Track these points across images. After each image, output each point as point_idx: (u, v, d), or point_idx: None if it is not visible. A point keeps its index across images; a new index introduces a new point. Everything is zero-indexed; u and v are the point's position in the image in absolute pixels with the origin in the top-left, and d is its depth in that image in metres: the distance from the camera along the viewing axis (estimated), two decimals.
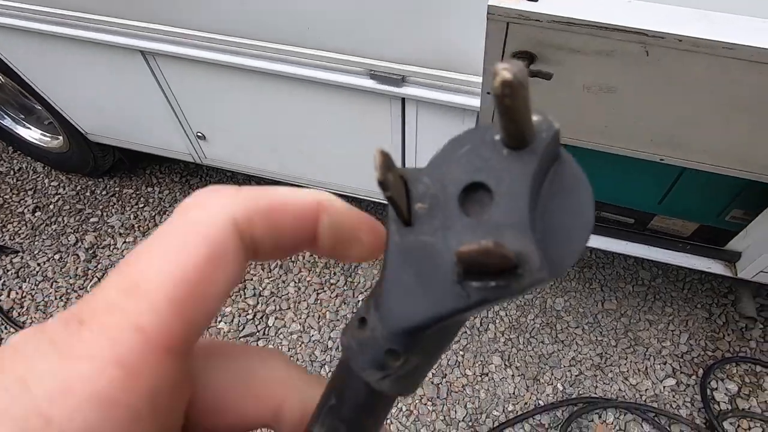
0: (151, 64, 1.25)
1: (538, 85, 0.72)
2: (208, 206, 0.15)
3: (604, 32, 0.59)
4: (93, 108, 1.53)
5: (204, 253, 0.14)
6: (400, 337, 0.14)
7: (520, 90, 0.12)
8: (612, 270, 1.76)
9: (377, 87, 1.05)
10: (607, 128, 0.82)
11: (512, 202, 0.13)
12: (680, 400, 1.49)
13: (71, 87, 1.47)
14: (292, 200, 0.16)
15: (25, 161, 2.13)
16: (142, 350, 0.12)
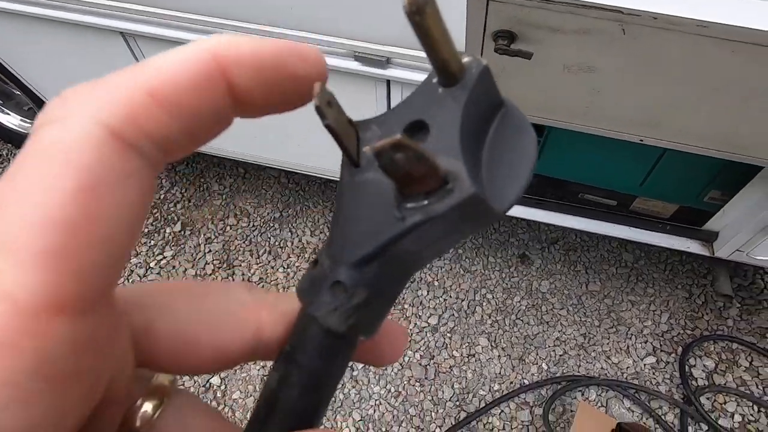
0: (132, 46, 1.23)
1: (519, 65, 0.73)
2: (67, 118, 0.11)
3: (580, 10, 0.60)
4: None
5: (72, 186, 0.11)
6: (344, 268, 0.15)
7: (426, 6, 0.13)
8: (596, 253, 1.79)
9: (362, 69, 1.05)
10: (587, 109, 0.83)
11: (444, 132, 0.14)
12: (660, 377, 1.53)
13: (51, 70, 1.44)
14: (176, 70, 0.12)
15: (6, 148, 2.09)
16: (15, 320, 0.10)
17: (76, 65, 1.38)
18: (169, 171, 2.02)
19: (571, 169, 1.31)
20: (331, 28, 1.02)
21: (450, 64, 0.14)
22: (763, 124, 0.76)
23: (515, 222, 1.87)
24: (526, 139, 0.15)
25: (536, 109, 0.90)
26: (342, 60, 1.06)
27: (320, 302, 0.15)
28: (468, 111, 0.14)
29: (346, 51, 1.04)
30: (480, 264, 1.77)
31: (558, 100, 0.83)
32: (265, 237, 1.84)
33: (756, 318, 1.60)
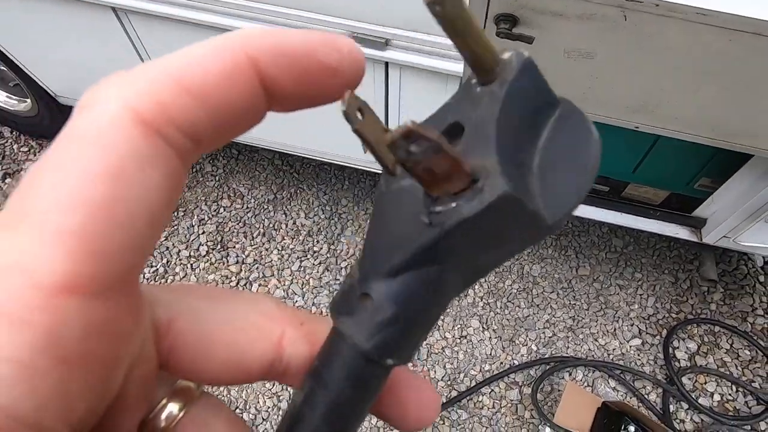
0: (123, 21, 1.20)
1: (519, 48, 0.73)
2: (98, 103, 0.12)
3: None
4: (63, 68, 1.47)
5: (96, 167, 0.11)
6: (372, 280, 0.14)
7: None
8: (587, 238, 1.83)
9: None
10: (585, 95, 0.84)
11: (479, 131, 0.13)
12: (644, 358, 1.58)
13: (39, 46, 1.40)
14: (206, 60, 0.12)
15: None
16: (29, 295, 0.10)
17: (66, 41, 1.34)
18: None
19: None
20: (328, 6, 1.00)
21: (484, 58, 0.13)
22: (754, 113, 0.78)
23: None
24: (587, 145, 0.14)
25: None
26: None
27: (346, 316, 0.14)
28: (507, 108, 0.13)
29: (344, 31, 1.03)
30: None
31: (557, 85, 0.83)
32: (259, 219, 1.84)
33: (738, 302, 1.65)
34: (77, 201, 0.10)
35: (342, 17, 1.01)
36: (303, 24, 1.05)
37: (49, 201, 0.10)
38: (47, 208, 0.10)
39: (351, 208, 1.86)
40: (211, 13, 1.08)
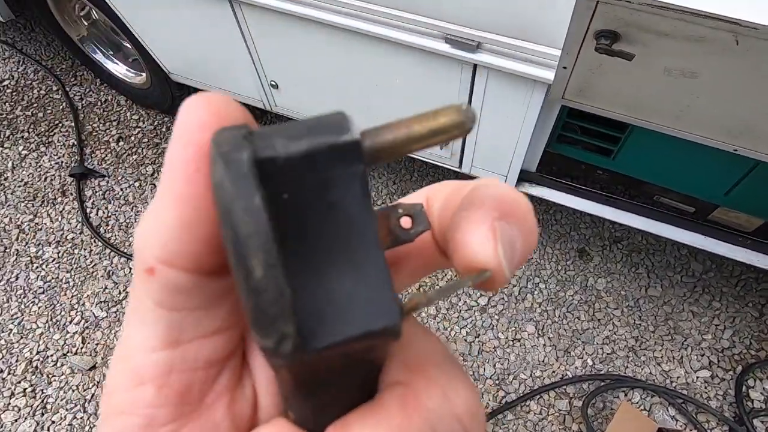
0: (237, 13, 1.32)
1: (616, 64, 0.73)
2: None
3: (696, 18, 0.59)
4: (178, 49, 1.64)
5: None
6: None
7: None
8: (662, 257, 1.73)
9: (451, 51, 1.07)
10: (682, 113, 0.81)
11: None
12: (712, 392, 1.50)
13: (161, 27, 1.57)
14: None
15: (110, 94, 2.32)
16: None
17: (184, 25, 1.50)
18: None
19: (649, 170, 1.27)
20: (424, 7, 1.04)
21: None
22: None
23: (578, 216, 1.84)
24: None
25: (624, 107, 0.88)
26: (432, 41, 1.09)
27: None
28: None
29: (437, 32, 1.07)
30: (536, 253, 1.78)
31: (651, 101, 0.82)
32: None
33: None
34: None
35: (436, 18, 1.05)
36: (397, 23, 1.09)
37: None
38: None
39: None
40: (314, 8, 1.16)
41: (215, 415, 0.16)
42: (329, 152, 0.12)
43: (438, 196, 0.16)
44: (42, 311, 1.74)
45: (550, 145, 1.31)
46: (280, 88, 1.54)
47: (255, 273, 0.11)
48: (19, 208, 1.97)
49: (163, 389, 0.14)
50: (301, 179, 0.12)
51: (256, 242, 0.11)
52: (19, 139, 2.17)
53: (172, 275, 0.13)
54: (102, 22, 2.01)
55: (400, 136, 0.13)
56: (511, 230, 0.14)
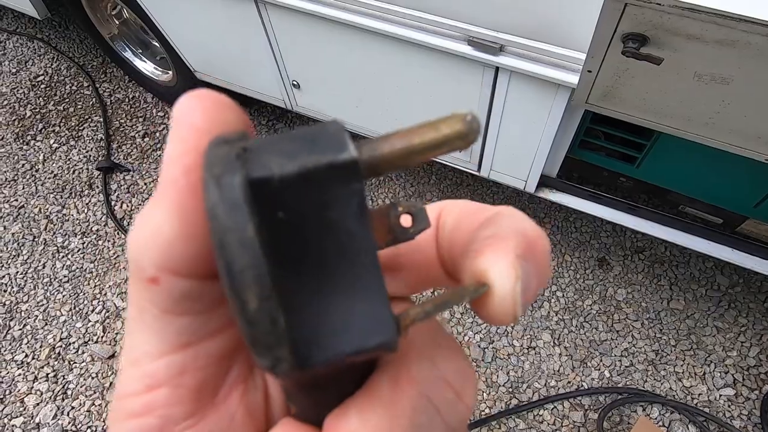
0: (262, 12, 1.34)
1: (644, 68, 0.71)
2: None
3: (729, 21, 0.57)
4: (204, 48, 1.67)
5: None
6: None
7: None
8: (686, 270, 1.68)
9: (473, 54, 1.06)
10: (711, 120, 0.79)
11: None
12: (736, 411, 1.44)
13: (188, 26, 1.61)
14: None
15: (138, 91, 2.38)
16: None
17: (210, 24, 1.53)
18: (269, 128, 2.19)
19: (675, 179, 1.23)
20: (447, 8, 1.04)
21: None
22: None
23: (599, 224, 1.80)
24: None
25: (652, 113, 0.86)
26: (454, 42, 1.08)
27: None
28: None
29: (460, 34, 1.06)
30: (554, 261, 1.74)
31: (679, 107, 0.80)
32: None
33: None
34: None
35: (459, 20, 1.04)
36: (420, 25, 1.09)
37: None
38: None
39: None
40: (337, 9, 1.17)
41: (230, 407, 0.16)
42: (327, 171, 0.12)
43: (452, 212, 0.16)
44: (66, 300, 1.79)
45: (572, 151, 1.29)
46: (302, 88, 1.55)
47: (249, 306, 0.11)
48: (49, 199, 2.04)
49: (177, 389, 0.15)
50: (297, 198, 0.12)
51: (250, 276, 0.11)
52: (51, 133, 2.25)
53: (177, 283, 0.13)
54: (132, 20, 2.07)
55: (398, 148, 0.12)
56: (529, 269, 0.14)
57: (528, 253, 0.14)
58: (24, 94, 2.39)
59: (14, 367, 1.65)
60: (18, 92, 2.40)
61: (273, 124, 2.20)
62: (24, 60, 2.52)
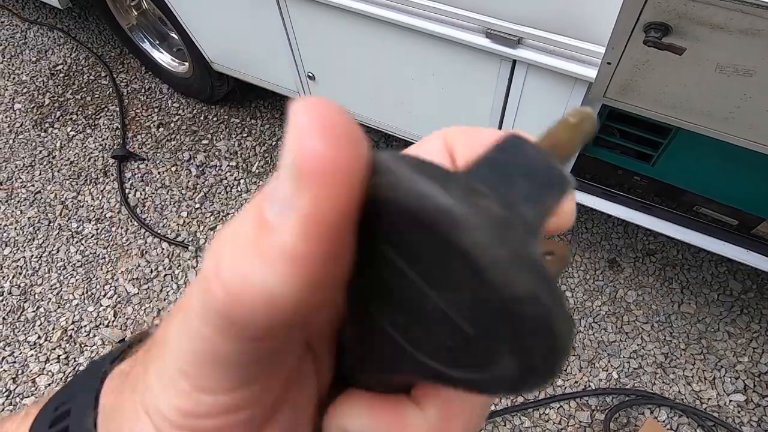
0: (281, 3, 1.35)
1: (665, 59, 0.70)
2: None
3: (756, 10, 0.56)
4: (221, 39, 1.69)
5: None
6: None
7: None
8: (698, 274, 1.66)
9: (490, 46, 1.06)
10: (732, 115, 0.78)
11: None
12: (746, 417, 1.42)
13: (206, 17, 1.63)
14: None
15: (154, 82, 2.41)
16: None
17: (229, 16, 1.55)
18: (283, 122, 2.20)
19: (691, 178, 1.22)
20: (466, 1, 1.04)
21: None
22: None
23: (611, 224, 1.79)
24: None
25: (670, 107, 0.85)
26: (471, 35, 1.08)
27: None
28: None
29: (477, 26, 1.06)
30: None
31: (699, 101, 0.79)
32: None
33: None
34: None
35: (477, 12, 1.04)
36: (437, 16, 1.09)
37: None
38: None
39: None
40: (358, 1, 1.18)
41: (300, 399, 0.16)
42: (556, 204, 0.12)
43: (457, 140, 0.16)
44: (79, 284, 1.82)
45: (587, 148, 1.28)
46: (317, 80, 1.56)
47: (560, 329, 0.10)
48: (64, 186, 2.07)
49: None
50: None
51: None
52: (68, 121, 2.29)
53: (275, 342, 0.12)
54: (151, 12, 2.10)
55: (566, 151, 0.14)
56: None
57: None
58: (43, 83, 2.43)
59: (27, 348, 1.68)
60: (37, 80, 2.44)
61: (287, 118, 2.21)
62: (44, 49, 2.56)
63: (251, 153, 2.12)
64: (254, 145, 2.15)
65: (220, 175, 2.06)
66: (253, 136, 2.17)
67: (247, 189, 2.02)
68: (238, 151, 2.13)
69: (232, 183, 2.04)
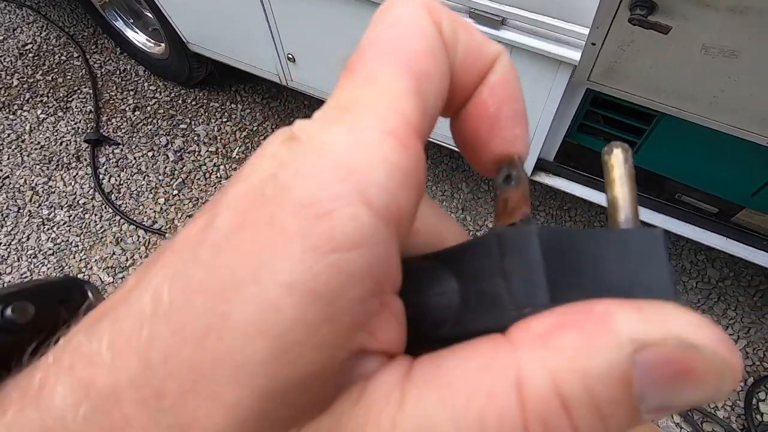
0: None
1: (650, 39, 0.68)
2: (408, 3, 0.14)
3: None
4: (197, 18, 1.62)
5: (421, 47, 0.13)
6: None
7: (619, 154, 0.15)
8: (678, 262, 1.68)
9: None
10: (716, 99, 0.77)
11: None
12: (720, 402, 1.45)
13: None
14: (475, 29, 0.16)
15: (129, 63, 2.32)
16: (406, 128, 0.12)
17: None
18: (264, 106, 2.14)
19: (674, 166, 1.22)
20: None
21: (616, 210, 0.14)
22: None
23: (594, 214, 1.79)
24: None
25: (655, 92, 0.84)
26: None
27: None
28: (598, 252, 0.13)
29: (460, 6, 1.03)
30: None
31: (684, 84, 0.78)
32: None
33: None
34: (410, 70, 0.13)
35: None
36: None
37: (390, 69, 0.13)
38: (392, 74, 0.13)
39: (429, 188, 1.88)
40: None
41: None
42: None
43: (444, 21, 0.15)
44: (51, 272, 1.75)
45: (571, 135, 1.27)
46: (297, 62, 1.51)
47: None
48: (34, 170, 1.99)
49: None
50: None
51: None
52: (38, 103, 2.19)
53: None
54: None
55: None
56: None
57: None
58: (11, 63, 2.32)
59: None
60: (5, 60, 2.33)
61: (267, 102, 2.16)
62: (12, 27, 2.44)
63: (231, 138, 2.07)
64: (234, 130, 2.09)
65: (199, 160, 2.00)
66: (233, 121, 2.11)
67: (227, 175, 1.96)
68: (218, 136, 2.07)
69: (211, 169, 1.98)
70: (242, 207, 0.12)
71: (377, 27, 0.14)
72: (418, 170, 0.12)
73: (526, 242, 0.13)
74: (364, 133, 0.12)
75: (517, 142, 0.15)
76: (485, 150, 0.16)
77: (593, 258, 0.13)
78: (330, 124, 0.12)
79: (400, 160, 0.12)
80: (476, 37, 0.15)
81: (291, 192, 0.11)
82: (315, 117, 0.13)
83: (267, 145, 0.13)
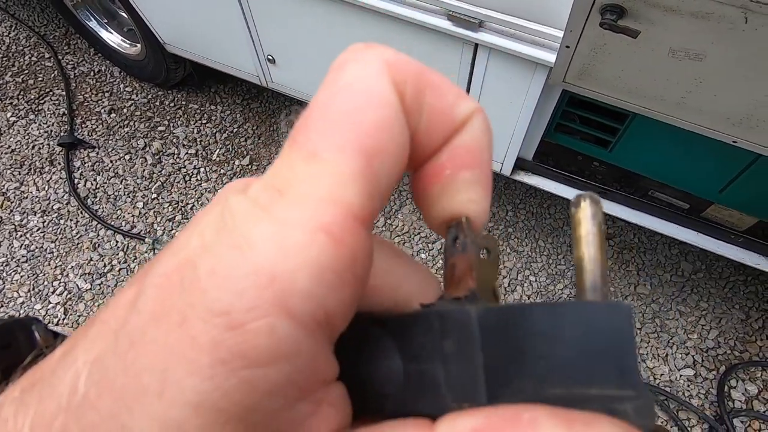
0: None
1: (620, 43, 0.71)
2: (366, 61, 0.13)
3: None
4: (174, 18, 1.60)
5: (374, 119, 0.12)
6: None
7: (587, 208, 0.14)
8: (653, 256, 1.73)
9: (452, 29, 1.05)
10: (683, 100, 0.80)
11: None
12: (695, 390, 1.50)
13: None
14: (447, 85, 0.14)
15: (104, 64, 2.27)
16: (343, 220, 0.12)
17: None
18: (244, 107, 2.12)
19: (646, 164, 1.26)
20: None
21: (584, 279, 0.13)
22: None
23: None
24: None
25: (626, 93, 0.87)
26: (434, 17, 1.06)
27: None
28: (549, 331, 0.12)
29: (439, 8, 1.04)
30: (528, 246, 1.77)
31: (653, 86, 0.80)
32: None
33: None
34: (360, 147, 0.12)
35: None
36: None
37: (335, 146, 0.12)
38: (336, 152, 0.12)
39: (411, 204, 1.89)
40: None
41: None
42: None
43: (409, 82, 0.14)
44: (24, 280, 1.70)
45: (548, 134, 1.29)
46: (277, 63, 1.51)
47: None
48: (5, 176, 1.93)
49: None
50: None
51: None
52: (8, 106, 2.12)
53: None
54: None
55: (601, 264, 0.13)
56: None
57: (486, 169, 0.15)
58: None
59: None
60: None
61: (248, 103, 2.14)
62: None
63: (211, 140, 2.04)
64: (214, 132, 2.06)
65: (178, 163, 1.97)
66: (213, 123, 2.09)
67: (207, 178, 1.94)
68: (197, 138, 2.04)
69: (191, 172, 1.95)
70: (163, 292, 0.11)
71: (328, 89, 0.13)
72: (355, 264, 0.12)
73: (466, 327, 0.12)
74: (292, 233, 0.11)
75: (471, 206, 0.14)
76: (434, 209, 0.15)
77: (546, 340, 0.12)
78: (262, 210, 0.12)
79: (331, 260, 0.11)
80: (446, 99, 0.14)
81: (204, 295, 0.11)
82: (253, 190, 0.13)
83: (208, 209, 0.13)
